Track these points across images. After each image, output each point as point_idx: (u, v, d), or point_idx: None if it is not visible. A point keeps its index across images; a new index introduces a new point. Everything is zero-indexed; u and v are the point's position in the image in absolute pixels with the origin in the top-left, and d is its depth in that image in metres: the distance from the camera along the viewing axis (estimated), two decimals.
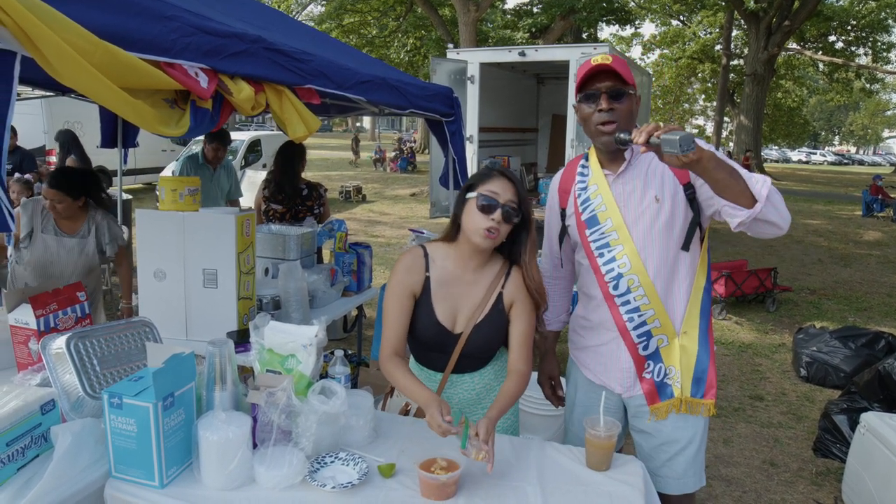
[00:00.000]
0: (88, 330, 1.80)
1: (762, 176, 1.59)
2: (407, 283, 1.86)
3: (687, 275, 1.84)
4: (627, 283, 1.83)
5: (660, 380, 1.87)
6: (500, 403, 1.71)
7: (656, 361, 1.87)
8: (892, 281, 8.56)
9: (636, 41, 32.98)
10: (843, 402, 3.68)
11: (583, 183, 1.92)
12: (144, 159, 13.75)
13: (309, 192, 4.35)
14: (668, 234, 1.79)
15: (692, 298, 1.85)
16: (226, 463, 1.50)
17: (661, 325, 1.84)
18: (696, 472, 1.91)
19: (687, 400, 1.86)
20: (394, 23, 25.04)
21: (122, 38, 1.60)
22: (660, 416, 1.87)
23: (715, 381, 1.87)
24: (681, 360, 1.85)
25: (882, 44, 25.05)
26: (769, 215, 1.55)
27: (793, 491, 3.32)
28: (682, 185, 1.77)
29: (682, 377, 1.85)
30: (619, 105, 1.75)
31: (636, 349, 1.87)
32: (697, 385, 1.86)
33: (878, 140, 69.42)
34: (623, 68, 1.75)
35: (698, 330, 1.85)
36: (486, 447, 1.53)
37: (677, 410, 1.86)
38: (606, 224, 1.84)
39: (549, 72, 9.70)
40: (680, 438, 1.88)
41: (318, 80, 2.51)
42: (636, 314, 1.84)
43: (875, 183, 15.77)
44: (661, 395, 1.87)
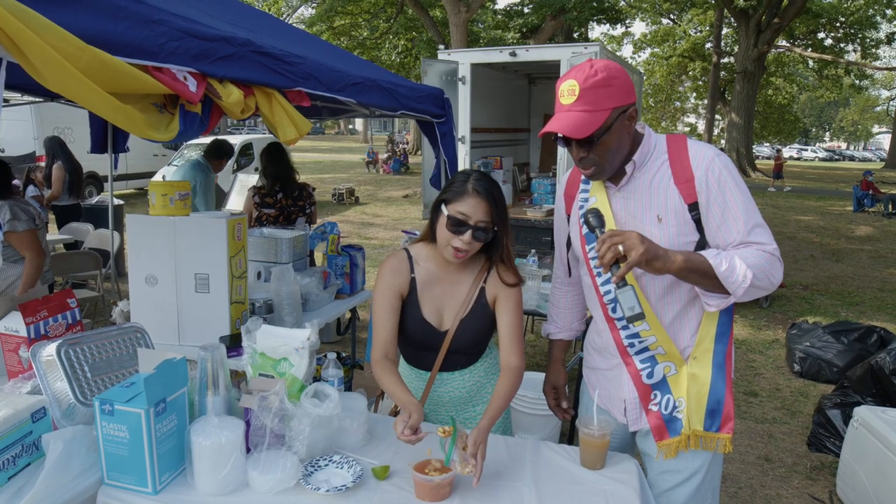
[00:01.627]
0: (79, 336, 1.79)
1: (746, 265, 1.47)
2: (393, 284, 1.87)
3: (695, 298, 1.64)
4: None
5: (668, 413, 1.70)
6: (493, 408, 1.67)
7: (664, 392, 1.70)
8: (883, 275, 8.62)
9: (627, 40, 33.07)
10: (837, 396, 3.70)
11: (584, 193, 1.75)
12: (136, 164, 13.72)
13: (300, 192, 4.34)
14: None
15: (705, 321, 1.66)
16: (219, 468, 1.50)
17: (666, 352, 1.68)
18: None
19: (697, 434, 1.68)
20: (384, 24, 25.00)
21: (109, 42, 1.59)
22: (669, 454, 1.70)
23: (732, 412, 1.68)
24: (689, 390, 1.68)
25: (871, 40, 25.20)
26: (746, 299, 1.52)
27: (788, 486, 3.33)
28: (687, 205, 1.58)
29: (692, 409, 1.67)
30: (592, 150, 1.56)
31: (640, 377, 1.71)
32: (712, 418, 1.67)
33: (868, 136, 69.83)
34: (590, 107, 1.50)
35: (712, 355, 1.67)
36: (472, 461, 1.50)
37: (685, 448, 1.69)
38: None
39: (541, 72, 9.70)
40: (682, 469, 1.71)
41: (307, 83, 2.51)
42: (637, 340, 1.69)
43: (865, 178, 15.87)
44: (671, 431, 1.70)
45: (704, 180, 1.56)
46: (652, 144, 1.64)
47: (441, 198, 1.79)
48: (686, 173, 1.58)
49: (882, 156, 46.09)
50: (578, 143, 1.56)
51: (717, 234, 1.57)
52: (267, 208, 4.22)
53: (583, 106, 1.51)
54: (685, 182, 1.58)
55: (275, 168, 4.25)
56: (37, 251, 3.45)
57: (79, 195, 6.96)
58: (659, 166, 1.62)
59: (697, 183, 1.57)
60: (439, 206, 1.78)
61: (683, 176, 1.58)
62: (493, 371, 1.98)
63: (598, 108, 1.51)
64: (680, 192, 1.58)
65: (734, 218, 1.54)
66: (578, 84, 1.50)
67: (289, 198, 4.26)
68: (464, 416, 1.98)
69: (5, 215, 3.34)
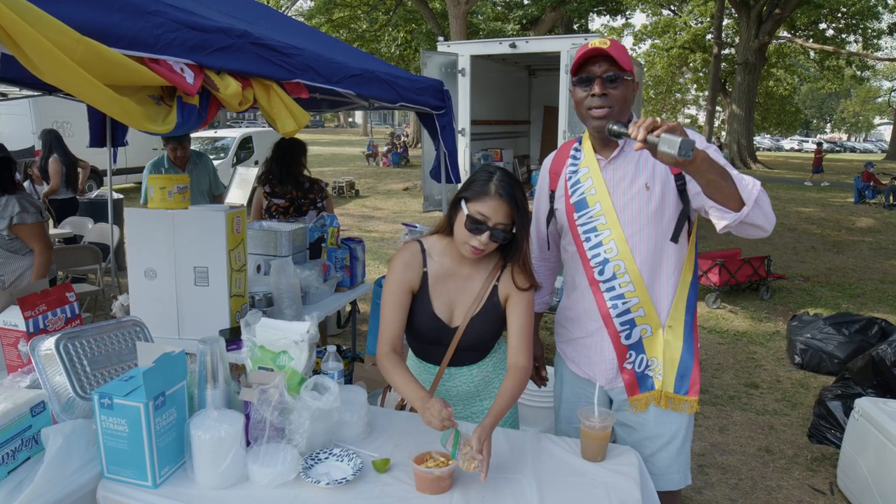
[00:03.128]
0: (78, 331, 1.78)
1: (752, 178, 1.58)
2: (405, 279, 1.85)
3: (675, 267, 1.82)
4: (613, 269, 1.80)
5: (641, 371, 1.85)
6: (497, 407, 1.67)
7: (638, 352, 1.84)
8: (884, 267, 8.60)
9: (627, 31, 32.95)
10: (838, 388, 3.69)
11: (574, 166, 1.89)
12: (135, 158, 13.65)
13: (310, 185, 4.30)
14: (657, 222, 1.77)
15: (678, 292, 1.82)
16: (219, 461, 1.49)
17: (646, 314, 1.81)
18: (680, 468, 1.88)
19: (669, 395, 1.83)
20: (384, 17, 24.91)
21: (104, 33, 1.57)
22: (639, 407, 1.85)
23: (699, 378, 1.84)
24: (664, 353, 1.83)
25: (872, 31, 25.09)
26: (756, 219, 1.53)
27: (788, 477, 3.33)
28: (673, 175, 1.74)
29: (665, 371, 1.82)
30: (613, 91, 1.71)
31: (618, 338, 1.84)
32: (681, 381, 1.83)
33: (869, 127, 69.66)
34: (620, 53, 1.70)
35: (683, 325, 1.83)
36: (479, 456, 1.50)
37: (657, 404, 1.84)
38: (595, 208, 1.81)
39: (541, 63, 9.67)
40: (662, 434, 1.85)
41: (306, 75, 2.49)
42: (620, 301, 1.82)
43: (867, 170, 15.83)
44: (641, 387, 1.85)
45: None
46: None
47: (462, 194, 1.76)
48: None
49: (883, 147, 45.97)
50: (604, 80, 1.70)
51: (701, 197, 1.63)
52: (277, 198, 4.18)
53: (614, 50, 1.69)
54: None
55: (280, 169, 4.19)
56: (45, 244, 3.48)
57: (76, 189, 6.94)
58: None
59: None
60: (459, 203, 1.76)
61: None
62: (502, 366, 1.97)
63: (624, 59, 1.70)
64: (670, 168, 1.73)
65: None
66: (609, 40, 1.71)
67: (299, 190, 4.22)
68: (471, 410, 1.97)
69: (14, 208, 3.37)
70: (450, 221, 1.81)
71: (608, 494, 1.53)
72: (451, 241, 1.83)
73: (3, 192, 3.40)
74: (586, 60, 1.72)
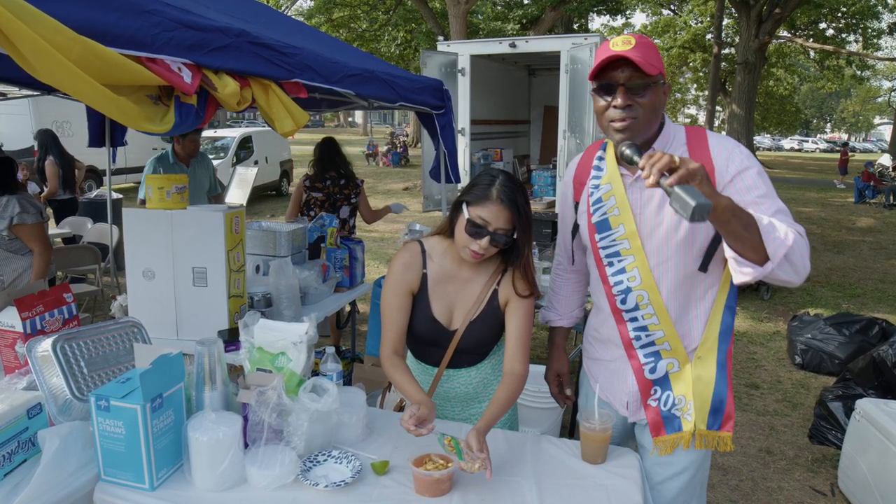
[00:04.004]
0: (75, 332, 1.77)
1: (789, 227, 1.37)
2: (405, 281, 1.83)
3: (705, 295, 1.64)
4: (636, 300, 1.64)
5: (667, 410, 1.68)
6: (490, 412, 1.65)
7: (664, 388, 1.69)
8: (884, 267, 8.59)
9: (627, 31, 32.91)
10: (838, 388, 3.68)
11: (597, 179, 1.69)
12: (135, 158, 13.63)
13: (346, 181, 4.51)
14: (687, 251, 1.59)
15: (711, 319, 1.65)
16: (217, 464, 1.48)
17: (672, 348, 1.65)
18: (688, 500, 1.74)
19: (702, 433, 1.67)
20: (383, 16, 24.87)
21: (100, 33, 1.56)
22: (664, 450, 1.69)
23: (733, 410, 1.67)
24: (694, 391, 1.66)
25: (872, 30, 25.06)
26: (780, 275, 1.36)
27: (789, 478, 3.32)
28: None
29: (697, 408, 1.66)
30: (639, 100, 1.50)
31: (642, 371, 1.69)
32: (715, 416, 1.66)
33: (869, 127, 69.61)
34: (647, 54, 1.48)
35: (716, 354, 1.65)
36: (481, 455, 1.50)
37: (686, 446, 1.67)
38: (618, 230, 1.64)
39: (541, 63, 9.65)
40: (674, 462, 1.71)
41: (304, 74, 2.48)
42: (644, 333, 1.66)
43: (867, 170, 15.83)
44: (668, 428, 1.68)
45: (725, 168, 1.52)
46: (672, 134, 1.62)
47: (464, 198, 1.73)
48: (707, 165, 1.52)
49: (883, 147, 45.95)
50: (628, 89, 1.49)
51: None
52: (315, 192, 4.43)
53: (640, 53, 1.46)
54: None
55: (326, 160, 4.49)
56: (45, 244, 3.49)
57: (74, 189, 6.93)
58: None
59: (718, 173, 1.53)
60: (460, 206, 1.73)
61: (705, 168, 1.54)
62: (500, 368, 1.95)
63: (651, 62, 1.48)
64: None
65: (754, 204, 1.47)
66: (634, 38, 1.49)
67: (335, 185, 4.45)
68: (470, 412, 1.96)
69: (14, 208, 3.37)
70: (451, 224, 1.79)
71: (608, 497, 1.52)
72: (452, 244, 1.81)
73: (4, 193, 3.40)
74: (608, 65, 1.50)
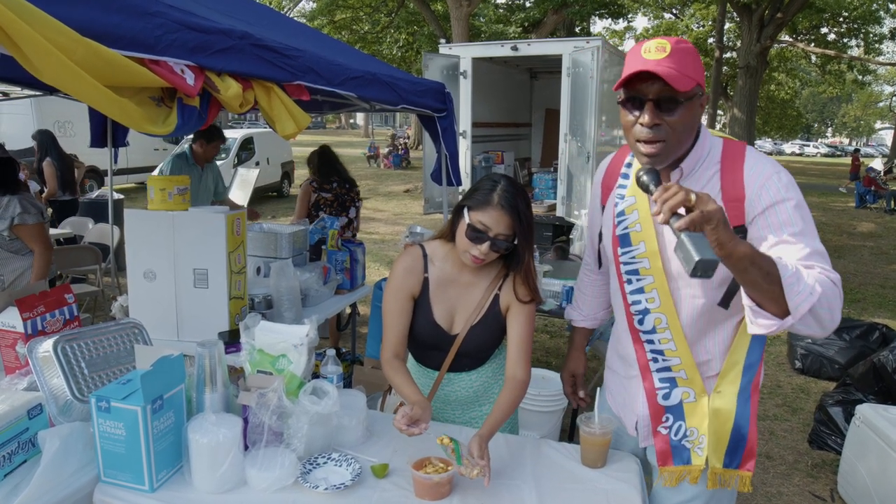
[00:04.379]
0: (76, 333, 1.77)
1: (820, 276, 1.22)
2: (406, 285, 1.83)
3: (727, 323, 1.52)
4: (654, 322, 1.54)
5: (677, 440, 1.58)
6: (493, 418, 1.65)
7: (677, 417, 1.58)
8: (885, 272, 8.59)
9: (629, 34, 32.95)
10: (838, 394, 3.68)
11: (622, 189, 1.59)
12: (136, 158, 13.68)
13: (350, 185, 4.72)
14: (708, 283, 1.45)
15: (734, 350, 1.51)
16: (217, 465, 1.48)
17: (689, 377, 1.55)
18: None
19: (718, 472, 1.55)
20: (386, 18, 24.91)
21: (104, 34, 1.57)
22: (668, 482, 1.59)
23: (756, 447, 1.54)
24: (710, 426, 1.54)
25: (874, 35, 25.09)
26: (802, 330, 1.23)
27: (789, 483, 3.32)
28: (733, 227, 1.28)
29: (713, 446, 1.54)
30: (669, 118, 1.34)
31: (655, 396, 1.59)
32: (732, 455, 1.54)
33: (870, 131, 69.59)
34: (683, 64, 1.31)
35: (739, 387, 1.52)
36: (481, 462, 1.49)
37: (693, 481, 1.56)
38: (639, 248, 1.52)
39: (543, 66, 9.67)
40: (683, 490, 1.60)
41: (307, 77, 2.49)
42: (661, 356, 1.56)
43: (868, 174, 15.83)
44: (676, 459, 1.58)
45: (757, 198, 1.37)
46: (706, 149, 1.45)
47: (465, 202, 1.73)
48: (738, 192, 1.39)
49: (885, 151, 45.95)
50: (657, 105, 1.34)
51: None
52: (325, 192, 4.58)
53: (673, 64, 1.30)
54: (734, 201, 1.39)
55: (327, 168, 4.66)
56: (45, 244, 3.49)
57: (74, 190, 6.93)
58: (709, 178, 1.44)
59: (748, 203, 1.38)
60: (462, 210, 1.73)
61: (734, 194, 1.39)
62: (501, 372, 1.95)
63: (686, 73, 1.31)
64: (727, 210, 1.37)
65: (786, 243, 1.32)
66: (670, 43, 1.33)
67: (342, 187, 4.64)
68: (470, 415, 1.96)
69: (15, 209, 3.38)
70: (452, 228, 1.79)
71: (608, 500, 1.52)
72: (454, 248, 1.80)
73: (6, 193, 3.40)
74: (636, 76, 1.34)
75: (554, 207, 7.50)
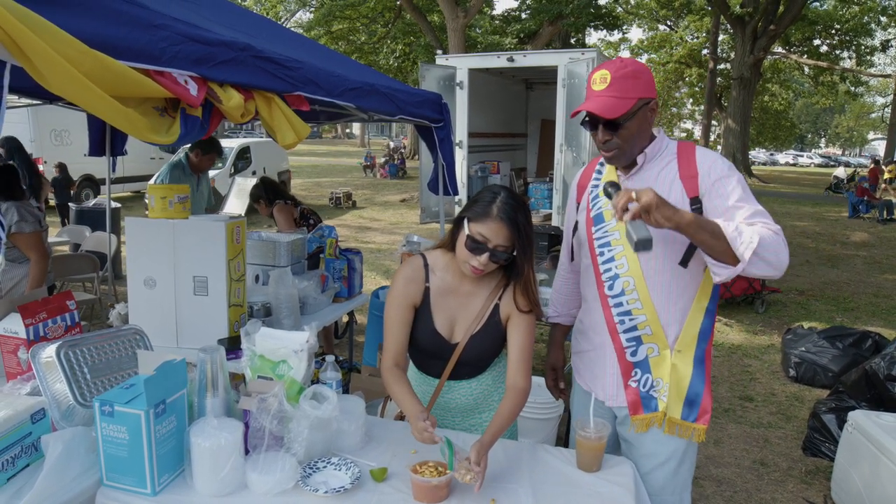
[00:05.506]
0: (78, 338, 1.80)
1: (753, 230, 1.52)
2: (407, 294, 1.86)
3: (685, 291, 1.77)
4: (623, 286, 1.78)
5: (645, 391, 1.80)
6: (495, 426, 1.68)
7: (644, 370, 1.81)
8: (878, 281, 8.65)
9: (624, 46, 33.23)
10: (832, 401, 3.71)
11: (596, 180, 1.91)
12: (133, 167, 13.71)
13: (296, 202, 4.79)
14: (669, 245, 1.72)
15: (690, 317, 1.77)
16: (218, 469, 1.50)
17: (653, 333, 1.77)
18: (676, 491, 1.83)
19: (675, 420, 1.78)
20: (382, 29, 25.08)
21: (110, 46, 1.60)
22: (640, 428, 1.81)
23: (710, 406, 1.77)
24: (671, 376, 1.78)
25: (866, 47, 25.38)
26: (755, 272, 1.52)
27: (783, 490, 3.35)
28: (689, 199, 1.70)
29: (671, 395, 1.78)
30: (616, 133, 1.70)
31: (624, 354, 1.81)
32: (690, 408, 1.78)
33: (863, 142, 70.15)
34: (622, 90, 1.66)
35: (694, 353, 1.78)
36: (476, 469, 1.51)
37: (659, 426, 1.79)
38: (611, 223, 1.81)
39: (538, 77, 9.76)
40: (658, 453, 1.81)
41: (307, 87, 2.52)
42: (627, 317, 1.79)
43: (861, 184, 15.95)
44: (645, 408, 1.80)
45: (707, 175, 1.69)
46: (664, 144, 1.80)
47: (465, 214, 1.76)
48: (691, 170, 1.72)
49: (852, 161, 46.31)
50: (605, 125, 1.70)
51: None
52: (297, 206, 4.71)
53: (613, 92, 1.66)
54: (689, 178, 1.71)
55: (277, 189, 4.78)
56: (42, 253, 3.50)
57: (38, 197, 6.89)
58: (667, 162, 1.77)
59: (701, 178, 1.70)
60: (462, 221, 1.76)
61: (689, 172, 1.72)
62: (501, 380, 1.98)
63: (626, 95, 1.66)
64: (684, 186, 1.71)
65: (735, 207, 1.62)
66: (610, 73, 1.67)
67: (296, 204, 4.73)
68: (470, 422, 1.98)
69: (13, 217, 3.39)
70: (452, 238, 1.82)
71: None
72: (454, 258, 1.83)
73: (5, 199, 3.42)
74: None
75: (550, 217, 7.55)
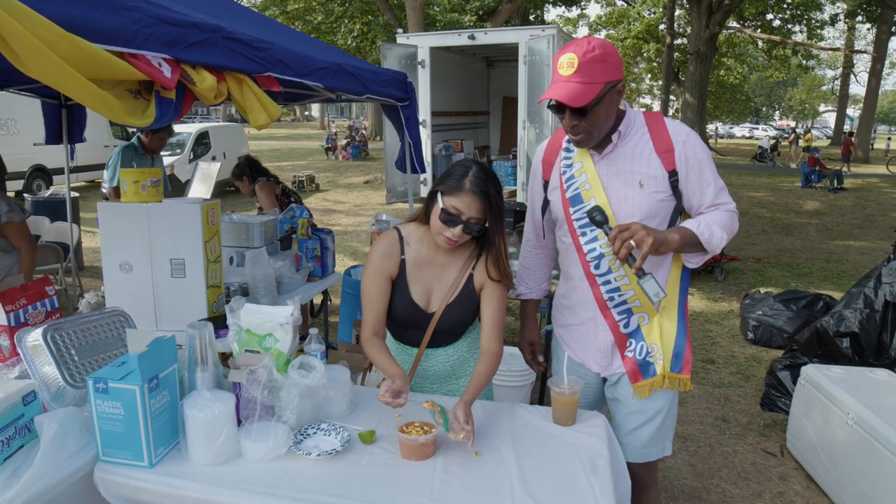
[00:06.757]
0: (62, 322, 1.82)
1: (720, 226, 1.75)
2: (384, 267, 1.92)
3: (666, 258, 1.85)
4: (609, 264, 1.82)
5: (642, 358, 1.88)
6: (473, 386, 1.77)
7: (638, 339, 1.88)
8: (829, 247, 9.04)
9: (582, 22, 33.38)
10: (787, 359, 3.92)
11: (568, 160, 1.88)
12: (85, 156, 13.28)
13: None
14: (652, 219, 1.77)
15: (671, 277, 1.86)
16: (213, 439, 1.56)
17: (642, 304, 1.85)
18: (660, 441, 1.94)
19: (668, 375, 1.88)
20: (339, 8, 24.64)
21: (85, 29, 1.61)
22: (643, 394, 1.88)
23: (691, 356, 1.90)
24: (661, 338, 1.87)
25: (816, 21, 26.00)
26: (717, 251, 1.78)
27: (743, 443, 3.55)
28: (667, 172, 1.76)
29: (664, 354, 1.87)
30: (582, 119, 1.69)
31: (617, 327, 1.88)
32: (676, 360, 1.88)
33: (815, 114, 72.09)
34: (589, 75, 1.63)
35: (677, 307, 1.88)
36: (467, 427, 1.61)
37: (659, 388, 1.88)
38: (590, 203, 1.80)
39: (499, 55, 9.80)
40: (647, 409, 1.90)
41: (276, 68, 2.54)
42: (616, 293, 1.84)
43: (812, 155, 16.49)
44: (644, 374, 1.88)
45: (683, 153, 1.77)
46: (632, 119, 1.82)
47: (438, 187, 1.83)
48: (666, 144, 1.78)
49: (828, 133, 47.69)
50: (572, 111, 1.69)
51: (693, 197, 1.81)
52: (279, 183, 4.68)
53: (580, 78, 1.64)
54: (665, 152, 1.77)
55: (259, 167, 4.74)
56: (31, 241, 3.47)
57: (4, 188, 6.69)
58: (640, 137, 1.80)
59: (677, 155, 1.77)
60: (435, 195, 1.83)
61: (664, 146, 1.77)
62: (476, 346, 2.06)
63: (594, 80, 1.65)
64: (661, 160, 1.77)
65: (707, 183, 1.79)
66: (577, 58, 1.64)
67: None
68: (448, 388, 2.07)
69: (3, 207, 3.34)
70: (426, 211, 1.89)
71: (578, 453, 1.66)
72: (428, 230, 1.90)
73: None
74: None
75: (514, 193, 7.66)
